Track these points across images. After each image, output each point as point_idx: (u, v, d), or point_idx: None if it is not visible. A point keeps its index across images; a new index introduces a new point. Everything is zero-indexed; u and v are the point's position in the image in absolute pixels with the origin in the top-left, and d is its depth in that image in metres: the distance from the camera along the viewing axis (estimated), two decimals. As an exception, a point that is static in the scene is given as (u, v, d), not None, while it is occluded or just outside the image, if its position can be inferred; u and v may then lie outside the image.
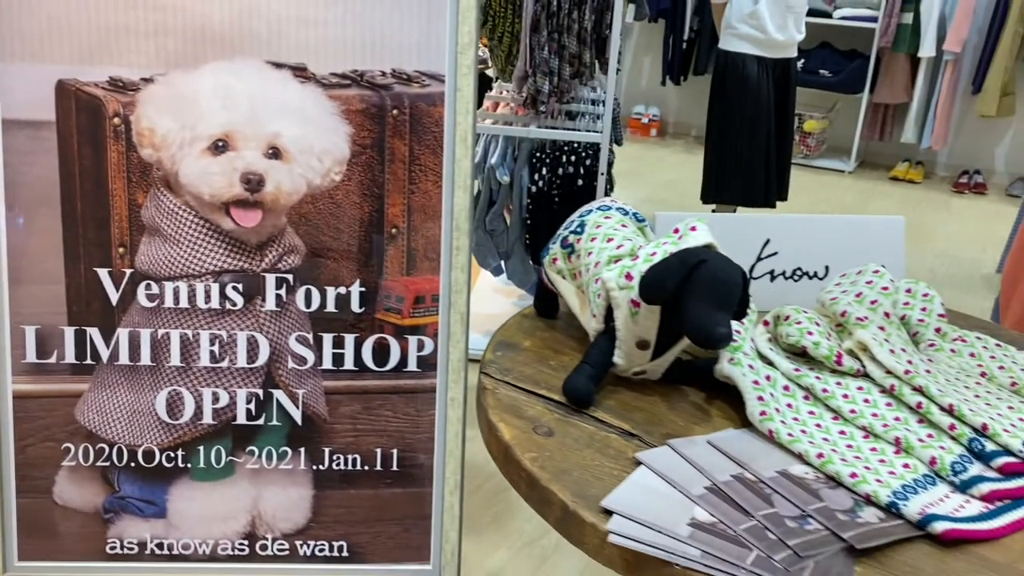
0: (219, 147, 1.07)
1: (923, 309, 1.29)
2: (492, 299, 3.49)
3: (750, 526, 0.86)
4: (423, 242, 1.11)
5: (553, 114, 3.11)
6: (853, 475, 0.93)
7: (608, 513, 0.88)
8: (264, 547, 1.15)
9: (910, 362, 1.12)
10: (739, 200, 4.16)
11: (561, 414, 1.06)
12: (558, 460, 0.97)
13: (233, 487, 1.14)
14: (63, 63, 1.05)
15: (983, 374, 1.18)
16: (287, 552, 1.15)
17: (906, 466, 0.96)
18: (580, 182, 2.93)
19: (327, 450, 1.14)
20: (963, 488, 0.93)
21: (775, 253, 1.41)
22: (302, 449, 1.14)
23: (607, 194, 2.99)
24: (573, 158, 2.93)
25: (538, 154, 2.95)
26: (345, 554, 1.16)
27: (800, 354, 1.15)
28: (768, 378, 1.09)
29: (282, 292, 1.10)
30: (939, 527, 0.86)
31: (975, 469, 0.95)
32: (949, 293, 4.24)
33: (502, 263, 3.21)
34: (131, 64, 1.06)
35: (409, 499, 1.16)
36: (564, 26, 2.70)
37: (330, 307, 1.11)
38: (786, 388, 1.09)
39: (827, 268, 1.41)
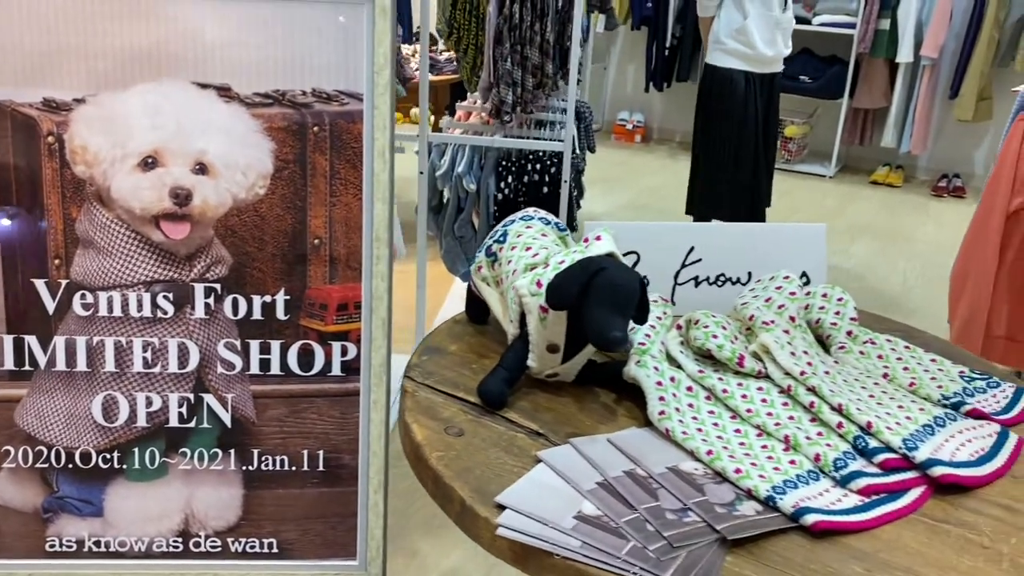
0: (148, 164, 1.12)
1: (837, 313, 1.35)
2: (463, 305, 3.54)
3: (631, 518, 0.91)
4: (345, 252, 1.16)
5: (526, 124, 3.17)
6: (738, 471, 0.98)
7: (503, 508, 0.94)
8: (197, 544, 1.20)
9: (809, 364, 1.18)
10: (724, 215, 4.15)
11: (474, 415, 1.12)
12: (464, 459, 1.02)
13: (167, 487, 1.19)
14: (-1, 85, 1.10)
15: (885, 375, 1.23)
16: (220, 549, 1.21)
17: (792, 462, 1.02)
18: (545, 189, 2.98)
19: (256, 451, 1.19)
20: (843, 483, 0.99)
21: (699, 260, 1.47)
22: (232, 451, 1.20)
23: (573, 201, 3.04)
24: (538, 166, 2.99)
25: (504, 162, 3.01)
26: (275, 551, 1.21)
27: (708, 356, 1.21)
28: (672, 379, 1.15)
29: (210, 301, 1.16)
30: (810, 519, 0.91)
31: (856, 465, 1.00)
32: (922, 293, 4.30)
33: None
34: (64, 86, 1.11)
35: (335, 498, 1.21)
36: (526, 38, 2.76)
37: (256, 315, 1.17)
38: (689, 389, 1.15)
39: (750, 274, 1.46)
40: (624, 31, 7.39)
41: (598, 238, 1.15)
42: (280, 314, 1.17)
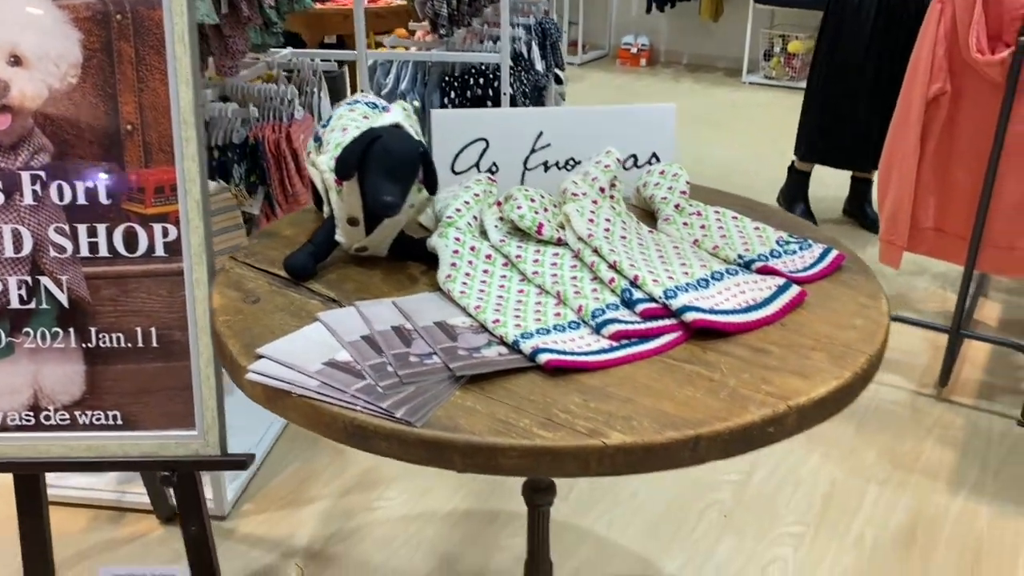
0: (-34, 58, 1.18)
1: (669, 188, 1.37)
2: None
3: (376, 363, 0.97)
4: (156, 136, 1.22)
5: (475, 38, 3.17)
6: (496, 321, 1.03)
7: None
8: (48, 417, 1.29)
9: (607, 230, 1.21)
10: (821, 157, 3.68)
11: (278, 286, 1.18)
12: (249, 322, 1.08)
13: (15, 365, 1.28)
14: None
15: (695, 241, 1.26)
16: (68, 422, 1.30)
17: (557, 315, 1.06)
18: (489, 104, 3.00)
19: (93, 330, 1.27)
20: (597, 330, 1.03)
21: (548, 145, 1.49)
22: (71, 329, 1.28)
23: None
24: (481, 80, 3.00)
25: (447, 78, 3.02)
26: (120, 422, 1.30)
27: (519, 229, 1.25)
28: (473, 248, 1.19)
29: (37, 188, 1.23)
30: (543, 358, 0.96)
31: (614, 314, 1.04)
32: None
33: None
34: None
35: (171, 372, 1.29)
36: (459, -51, 2.75)
37: (81, 200, 1.23)
38: (488, 257, 1.19)
39: (598, 156, 1.48)
40: (626, -48, 7.23)
41: (387, 110, 1.18)
42: (103, 198, 1.24)
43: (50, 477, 2.02)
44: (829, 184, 4.15)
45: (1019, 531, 1.97)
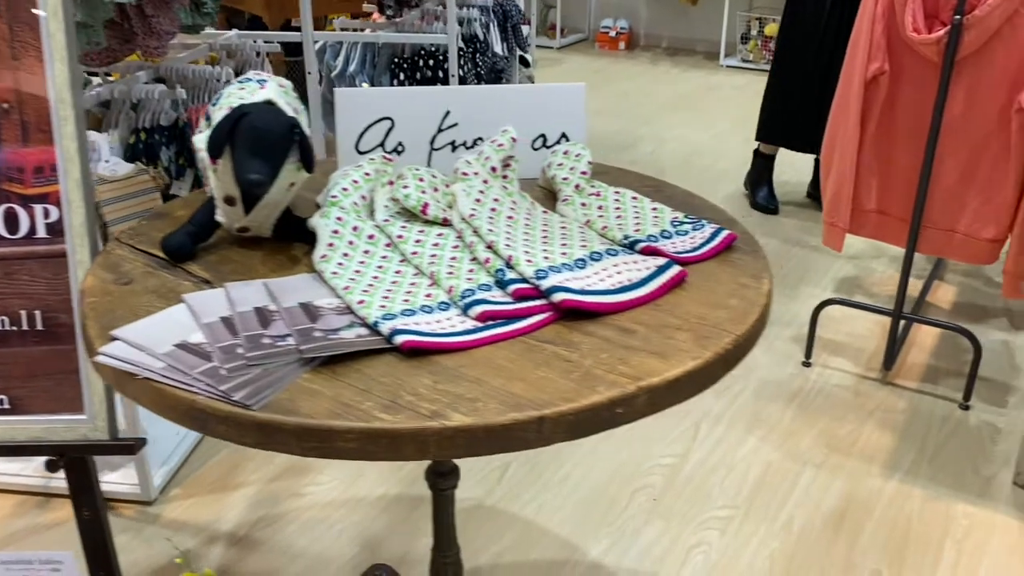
0: None
1: (571, 168, 1.35)
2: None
3: (227, 344, 0.95)
4: (34, 115, 1.19)
5: (429, 19, 3.13)
6: (361, 302, 1.01)
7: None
8: (-67, 402, 1.27)
9: (493, 210, 1.19)
10: (781, 140, 3.64)
11: (155, 268, 1.16)
12: (115, 304, 1.06)
13: (-102, 349, 1.26)
14: None
15: (588, 222, 1.24)
16: (-45, 406, 1.27)
17: (428, 296, 1.04)
18: (439, 86, 2.97)
19: (-23, 313, 1.25)
20: (465, 310, 1.01)
21: (455, 124, 1.47)
22: (-46, 312, 1.25)
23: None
24: (431, 62, 2.97)
25: (396, 60, 2.99)
26: (7, 407, 1.28)
27: (407, 208, 1.23)
28: (355, 228, 1.17)
29: (-85, 168, 1.20)
30: (399, 339, 0.94)
31: (483, 295, 1.02)
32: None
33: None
34: None
35: (57, 356, 1.27)
36: (404, -71, 2.71)
37: (-42, 180, 1.21)
38: (371, 237, 1.17)
39: (506, 136, 1.46)
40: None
41: (263, 87, 1.16)
42: (-19, 179, 1.21)
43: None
44: (798, 168, 4.13)
45: (949, 514, 1.96)
